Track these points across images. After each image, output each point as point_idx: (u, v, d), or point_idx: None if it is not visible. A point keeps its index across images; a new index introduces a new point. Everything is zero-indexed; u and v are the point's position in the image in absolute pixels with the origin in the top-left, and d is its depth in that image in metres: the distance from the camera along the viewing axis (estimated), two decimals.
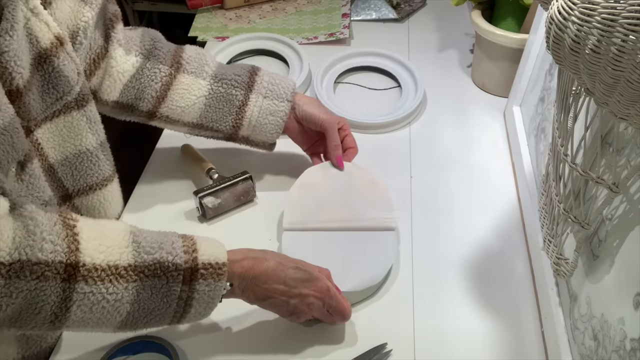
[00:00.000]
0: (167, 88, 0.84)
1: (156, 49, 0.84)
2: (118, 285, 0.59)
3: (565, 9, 0.44)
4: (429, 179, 0.99)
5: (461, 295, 0.81)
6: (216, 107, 0.86)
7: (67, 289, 0.57)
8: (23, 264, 0.55)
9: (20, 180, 0.65)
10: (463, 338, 0.76)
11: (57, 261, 0.56)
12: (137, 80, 0.83)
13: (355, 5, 1.42)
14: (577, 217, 0.62)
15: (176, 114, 0.86)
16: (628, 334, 0.55)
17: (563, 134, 0.62)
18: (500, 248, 0.88)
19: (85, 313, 0.59)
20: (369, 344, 0.75)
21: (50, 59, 0.66)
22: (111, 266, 0.59)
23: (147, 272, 0.61)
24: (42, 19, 0.65)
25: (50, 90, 0.67)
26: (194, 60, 0.86)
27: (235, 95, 0.86)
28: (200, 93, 0.85)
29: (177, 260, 0.62)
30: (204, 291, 0.63)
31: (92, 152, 0.76)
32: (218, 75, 0.86)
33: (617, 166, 0.57)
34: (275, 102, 0.87)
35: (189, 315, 0.65)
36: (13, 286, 0.54)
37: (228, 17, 1.39)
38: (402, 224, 0.91)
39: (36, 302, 0.56)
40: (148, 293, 0.61)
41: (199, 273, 0.63)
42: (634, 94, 0.43)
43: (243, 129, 0.88)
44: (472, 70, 1.21)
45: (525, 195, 0.92)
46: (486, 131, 1.09)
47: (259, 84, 0.87)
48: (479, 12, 1.13)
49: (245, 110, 0.86)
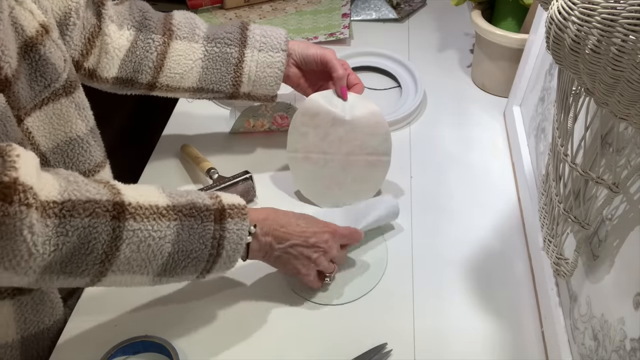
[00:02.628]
0: (163, 57, 0.85)
1: (146, 19, 0.85)
2: (161, 224, 0.63)
3: (565, 9, 0.44)
4: (429, 178, 0.99)
5: (461, 295, 0.81)
6: (213, 68, 0.87)
7: (117, 227, 0.60)
8: (74, 203, 0.57)
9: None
10: (463, 338, 0.76)
11: (104, 200, 0.60)
12: (133, 53, 0.84)
13: (355, 5, 1.42)
14: (577, 217, 0.62)
15: (175, 81, 0.87)
16: (628, 334, 0.55)
17: (563, 134, 0.62)
18: (500, 248, 0.88)
19: (133, 252, 0.61)
20: (369, 344, 0.75)
21: (37, 47, 0.66)
22: (152, 206, 0.63)
23: (185, 212, 0.65)
24: (26, 7, 0.65)
25: (38, 79, 0.68)
26: (184, 25, 0.87)
27: (230, 53, 0.87)
28: (196, 56, 0.86)
29: (206, 202, 0.67)
30: (233, 230, 0.67)
31: (82, 139, 0.76)
32: (210, 36, 0.87)
33: (617, 166, 0.57)
34: (270, 54, 0.87)
35: (220, 259, 0.68)
36: (69, 224, 0.57)
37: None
38: (402, 223, 0.91)
39: (89, 240, 0.58)
40: (187, 233, 0.65)
41: (226, 212, 0.67)
42: (634, 94, 0.43)
43: (243, 85, 0.89)
44: (472, 70, 1.21)
45: (525, 195, 0.92)
46: (486, 131, 1.09)
47: (252, 38, 0.87)
48: (479, 12, 1.13)
49: (243, 66, 0.87)
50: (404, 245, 0.88)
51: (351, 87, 0.91)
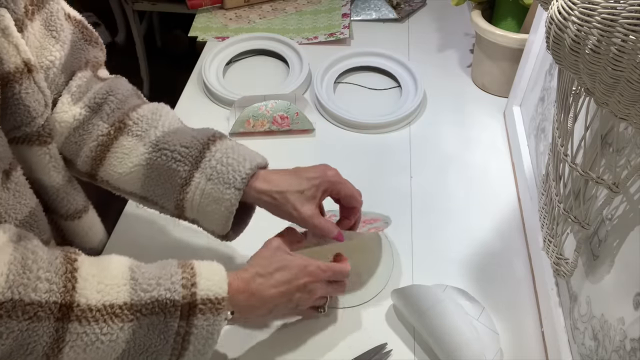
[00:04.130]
0: (105, 149, 0.72)
1: (105, 104, 0.73)
2: (113, 325, 0.57)
3: (565, 9, 0.44)
4: (429, 178, 0.99)
5: None
6: (157, 181, 0.72)
7: (60, 328, 0.55)
8: (15, 303, 0.53)
9: (7, 189, 0.62)
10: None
11: (51, 301, 0.55)
12: (79, 135, 0.72)
13: (355, 5, 1.42)
14: (577, 217, 0.62)
15: (114, 179, 0.73)
16: (628, 334, 0.55)
17: (563, 134, 0.62)
18: (500, 248, 0.88)
19: (78, 354, 0.57)
20: (369, 344, 0.75)
21: (12, 84, 0.60)
22: (107, 306, 0.57)
23: (144, 311, 0.59)
24: (11, 41, 0.59)
25: (8, 117, 0.62)
26: (144, 122, 0.72)
27: (176, 170, 0.70)
28: (137, 161, 0.71)
29: (175, 296, 0.60)
30: (202, 326, 0.61)
31: (58, 189, 0.71)
32: (160, 144, 0.71)
33: (617, 166, 0.57)
34: (219, 188, 0.69)
35: (188, 353, 0.62)
36: (4, 326, 0.53)
37: (228, 17, 1.39)
38: (402, 223, 0.91)
39: (28, 342, 0.54)
40: (144, 330, 0.59)
41: (197, 308, 0.60)
42: (634, 94, 0.43)
43: (187, 211, 0.72)
44: (472, 70, 1.21)
45: (525, 195, 0.92)
46: (486, 131, 1.09)
47: (207, 161, 0.70)
48: (479, 12, 1.13)
49: (187, 191, 0.70)
50: (404, 245, 0.88)
51: (344, 220, 0.77)
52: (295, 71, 1.19)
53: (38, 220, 0.68)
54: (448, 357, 0.70)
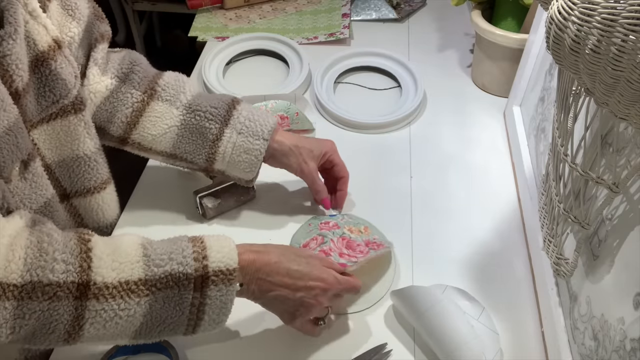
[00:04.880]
0: (138, 114, 0.81)
1: (133, 73, 0.82)
2: (130, 301, 0.59)
3: (565, 9, 0.44)
4: (429, 179, 0.99)
5: None
6: (189, 139, 0.82)
7: (79, 306, 0.57)
8: (35, 285, 0.55)
9: (24, 179, 0.65)
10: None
11: (69, 281, 0.57)
12: (111, 103, 0.81)
13: (355, 5, 1.42)
14: (577, 217, 0.62)
15: (147, 141, 0.83)
16: (628, 334, 0.55)
17: (563, 134, 0.62)
18: (500, 248, 0.88)
19: (98, 330, 0.59)
20: (369, 344, 0.75)
21: (48, 62, 0.66)
22: (122, 283, 0.59)
23: (159, 285, 0.61)
24: (40, 22, 0.65)
25: (47, 94, 0.67)
26: (170, 88, 0.83)
27: (209, 128, 0.81)
28: (172, 122, 0.82)
29: (188, 270, 0.61)
30: (216, 296, 0.63)
31: (89, 157, 0.76)
32: (192, 106, 0.82)
33: (617, 166, 0.57)
34: (250, 140, 0.82)
35: (203, 322, 0.64)
36: (26, 307, 0.55)
37: (228, 17, 1.39)
38: (402, 223, 0.91)
39: (49, 321, 0.57)
40: (160, 304, 0.61)
41: (210, 280, 0.62)
42: (634, 94, 0.43)
43: (217, 163, 0.83)
44: (472, 70, 1.21)
45: (525, 195, 0.92)
46: (486, 131, 1.09)
47: (236, 118, 0.82)
48: (479, 12, 1.13)
49: (219, 145, 0.82)
50: (404, 246, 0.88)
51: (334, 193, 0.90)
52: (295, 71, 1.19)
53: (53, 210, 0.71)
54: (447, 357, 0.70)
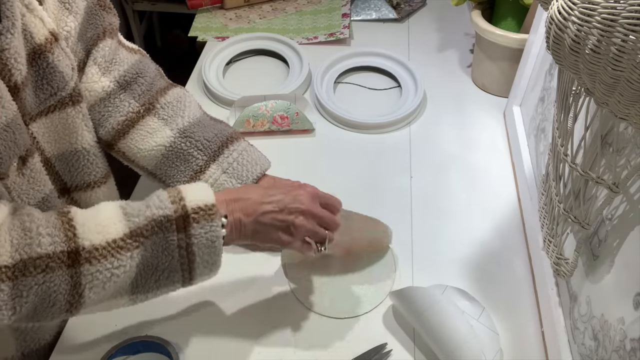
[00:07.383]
0: (131, 125, 0.80)
1: (135, 84, 0.80)
2: (122, 257, 0.59)
3: (565, 9, 0.44)
4: (429, 179, 0.99)
5: None
6: (173, 163, 0.81)
7: (74, 274, 0.58)
8: (25, 262, 0.55)
9: (22, 174, 0.65)
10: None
11: (58, 251, 0.57)
12: (105, 106, 0.79)
13: (355, 5, 1.42)
14: (577, 217, 0.62)
15: (132, 153, 0.81)
16: (628, 334, 0.55)
17: (563, 134, 0.62)
18: (500, 248, 0.88)
19: (98, 293, 0.59)
20: (369, 344, 0.75)
21: (45, 55, 0.66)
22: (109, 242, 0.59)
23: (145, 233, 0.61)
24: (36, 15, 0.65)
25: (45, 86, 0.67)
26: (170, 108, 0.82)
27: (196, 158, 0.80)
28: (161, 142, 0.80)
29: (167, 212, 0.61)
30: (200, 234, 0.62)
31: (88, 151, 0.76)
32: (187, 132, 0.81)
33: (617, 166, 0.57)
34: (232, 182, 0.80)
35: (196, 265, 0.63)
36: (22, 285, 0.55)
37: (228, 17, 1.39)
38: (402, 224, 0.91)
39: (48, 294, 0.57)
40: (149, 252, 0.61)
41: (191, 218, 0.62)
42: (634, 94, 0.43)
43: None
44: (472, 70, 1.21)
45: (525, 195, 0.92)
46: (486, 131, 1.09)
47: (225, 157, 0.81)
48: (479, 12, 1.13)
49: (201, 177, 0.80)
50: (404, 246, 0.88)
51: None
52: (295, 71, 1.19)
53: (51, 206, 0.71)
54: (447, 357, 0.70)
